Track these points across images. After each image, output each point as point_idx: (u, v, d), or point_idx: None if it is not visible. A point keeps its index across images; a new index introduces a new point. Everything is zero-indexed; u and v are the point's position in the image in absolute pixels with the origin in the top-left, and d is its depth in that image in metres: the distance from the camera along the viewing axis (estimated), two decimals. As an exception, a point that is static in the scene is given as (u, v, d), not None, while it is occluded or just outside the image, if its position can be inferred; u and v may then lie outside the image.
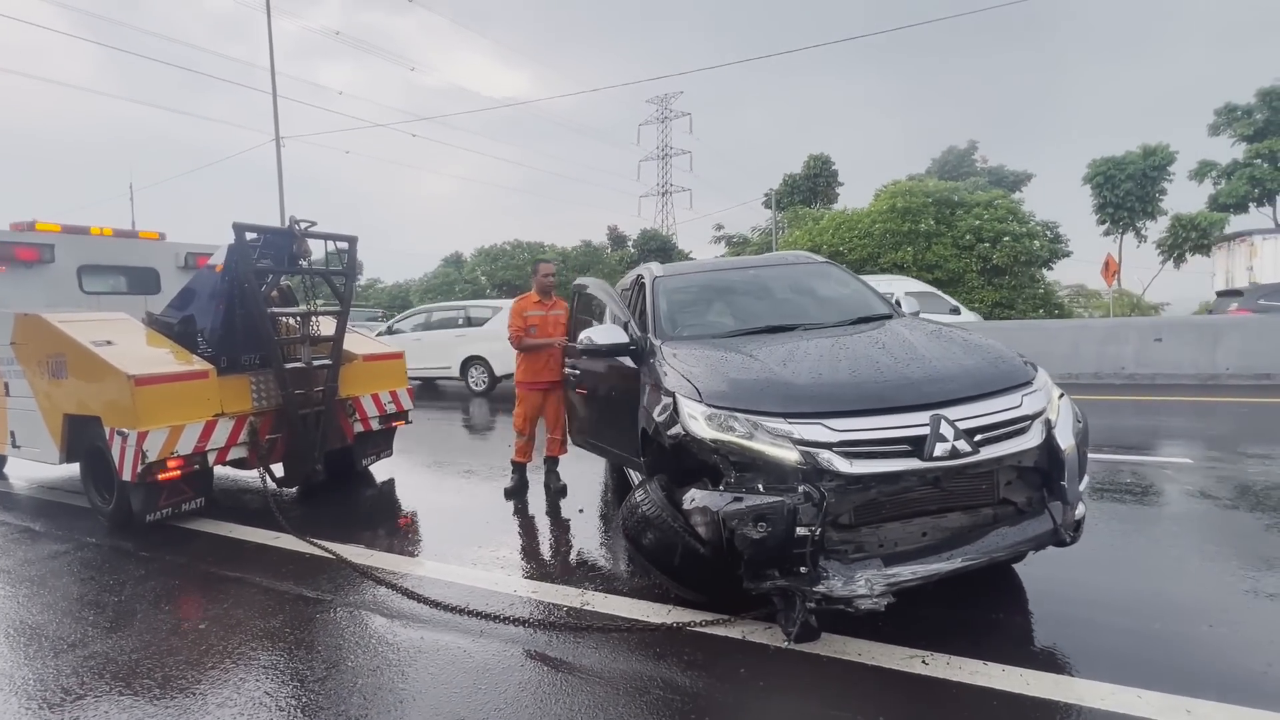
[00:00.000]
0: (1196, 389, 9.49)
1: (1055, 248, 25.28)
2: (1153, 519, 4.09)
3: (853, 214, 25.21)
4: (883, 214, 23.47)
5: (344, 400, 5.35)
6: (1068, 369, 10.77)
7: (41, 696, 2.51)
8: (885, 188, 25.52)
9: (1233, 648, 2.48)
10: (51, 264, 5.85)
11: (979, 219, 22.69)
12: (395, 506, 5.20)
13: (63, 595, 3.53)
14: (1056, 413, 2.66)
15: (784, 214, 33.06)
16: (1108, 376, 10.55)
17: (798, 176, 35.44)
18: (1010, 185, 29.32)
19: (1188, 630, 2.62)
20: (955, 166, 30.93)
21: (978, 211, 22.94)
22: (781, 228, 31.88)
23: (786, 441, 2.44)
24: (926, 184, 24.82)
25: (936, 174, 30.34)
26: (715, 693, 2.34)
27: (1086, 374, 10.73)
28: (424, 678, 2.52)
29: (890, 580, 2.29)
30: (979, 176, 29.34)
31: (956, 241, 23.04)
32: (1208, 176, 26.91)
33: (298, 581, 3.55)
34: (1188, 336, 10.38)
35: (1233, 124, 25.46)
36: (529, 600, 3.19)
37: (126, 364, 4.22)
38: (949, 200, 23.69)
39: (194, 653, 2.80)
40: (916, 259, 23.14)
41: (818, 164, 35.25)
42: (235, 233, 4.45)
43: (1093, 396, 9.09)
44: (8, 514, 5.26)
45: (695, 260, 5.49)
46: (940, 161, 32.00)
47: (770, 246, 29.73)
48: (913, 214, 23.22)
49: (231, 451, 4.62)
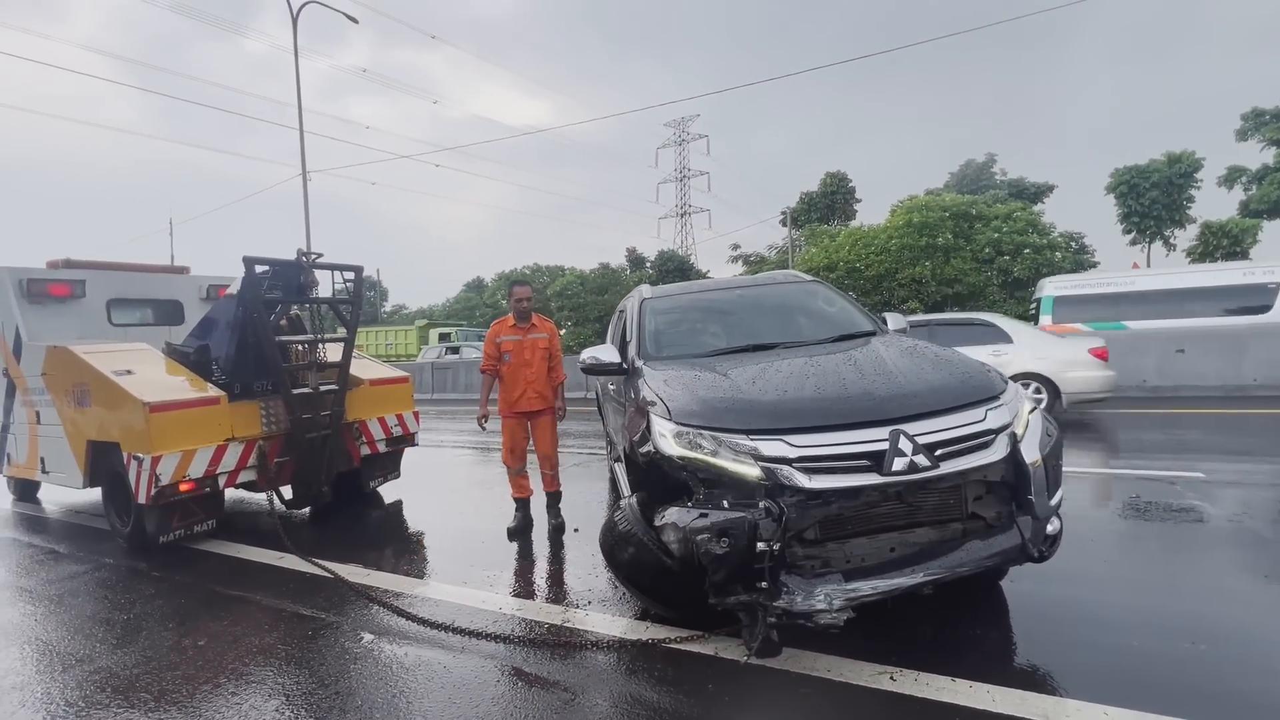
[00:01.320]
0: (1221, 401, 9.21)
1: (1079, 259, 24.87)
2: (1153, 535, 3.99)
3: (869, 230, 25.16)
4: (899, 229, 23.38)
5: (351, 424, 5.53)
6: (1086, 382, 10.53)
7: (47, 710, 2.64)
8: (902, 203, 25.44)
9: (1215, 667, 2.43)
10: (83, 298, 6.19)
11: (998, 232, 22.47)
12: (398, 528, 5.33)
13: (77, 613, 3.70)
14: (1024, 427, 2.66)
15: (801, 232, 33.09)
16: (1128, 389, 10.27)
17: (815, 194, 35.54)
18: (1031, 197, 28.94)
19: (1171, 648, 2.57)
20: (974, 180, 30.67)
21: (997, 224, 22.72)
22: (799, 246, 31.87)
23: (749, 457, 2.49)
24: (944, 198, 24.68)
25: (955, 188, 30.12)
26: (681, 707, 2.37)
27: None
28: (403, 691, 2.59)
29: (850, 595, 2.31)
30: (998, 189, 29.04)
31: (976, 255, 22.81)
32: (1237, 182, 26.26)
33: (296, 600, 3.67)
34: (1212, 347, 10.09)
35: (1260, 129, 24.87)
36: (512, 617, 3.25)
37: (143, 392, 4.45)
38: (967, 214, 23.51)
39: (191, 668, 2.93)
40: (935, 273, 22.94)
41: (835, 181, 35.32)
42: (245, 265, 4.69)
43: (1111, 410, 8.87)
44: (36, 536, 5.52)
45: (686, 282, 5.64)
46: (959, 175, 31.78)
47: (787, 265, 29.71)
48: (930, 228, 23.09)
49: (241, 474, 4.81)
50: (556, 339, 4.88)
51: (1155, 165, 25.85)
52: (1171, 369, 10.22)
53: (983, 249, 22.57)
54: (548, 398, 4.73)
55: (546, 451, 4.75)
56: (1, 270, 5.89)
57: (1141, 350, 10.44)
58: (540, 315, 4.94)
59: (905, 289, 23.03)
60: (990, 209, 23.62)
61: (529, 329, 4.72)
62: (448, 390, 19.15)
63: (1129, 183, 26.19)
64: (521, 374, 4.65)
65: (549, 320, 4.98)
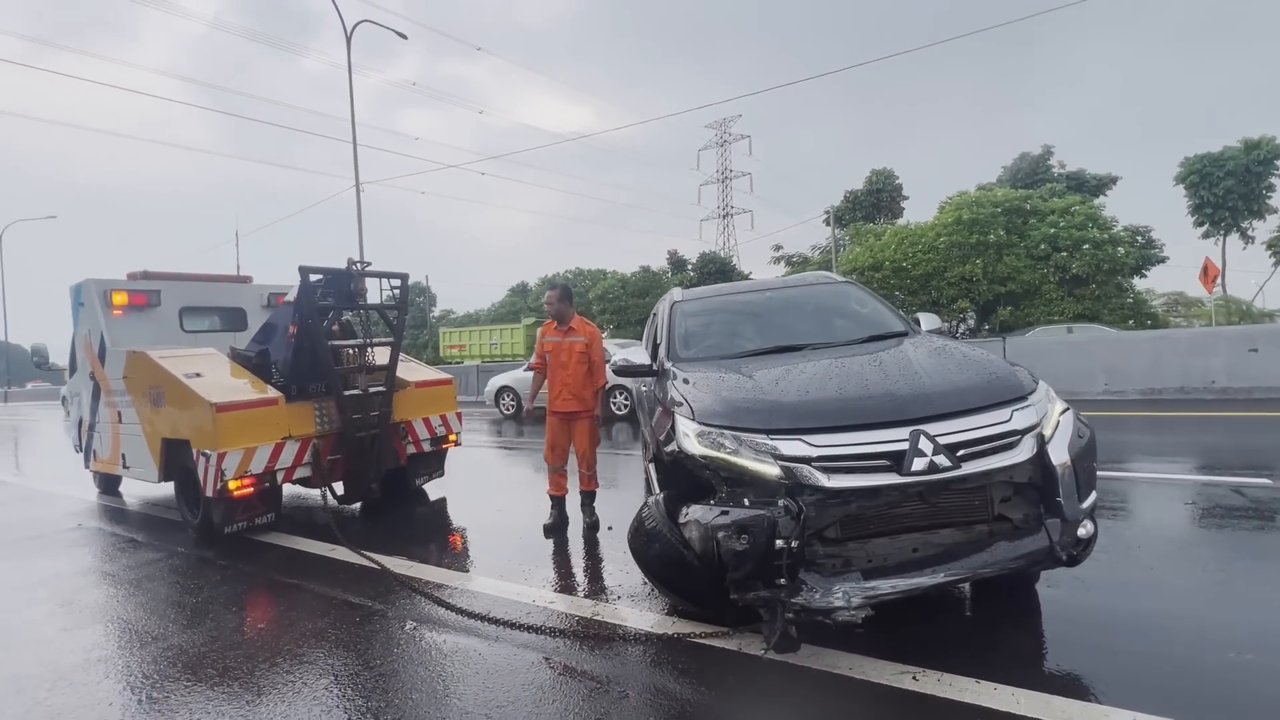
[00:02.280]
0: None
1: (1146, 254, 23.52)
2: (1209, 542, 3.83)
3: (916, 228, 24.51)
4: (948, 226, 22.70)
5: (397, 424, 5.80)
6: (1148, 383, 10.04)
7: (127, 681, 2.92)
8: (950, 199, 24.68)
9: (1259, 677, 2.34)
10: (158, 307, 6.69)
11: (1054, 227, 21.54)
12: (441, 523, 5.56)
13: (152, 596, 4.04)
14: (1053, 428, 2.62)
15: (845, 231, 32.47)
16: (1195, 391, 9.74)
17: (860, 192, 34.81)
18: (1092, 190, 27.58)
19: (1214, 658, 2.49)
20: (1029, 174, 29.43)
21: (1052, 220, 21.80)
22: (843, 245, 31.29)
23: (769, 457, 2.54)
24: (995, 193, 23.83)
25: (1009, 182, 28.98)
26: (701, 698, 2.44)
27: (1170, 388, 9.96)
28: (441, 675, 2.75)
29: (868, 593, 2.33)
30: (1056, 182, 27.78)
31: (1030, 252, 21.95)
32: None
33: (346, 589, 3.90)
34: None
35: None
36: (544, 609, 3.39)
37: (210, 393, 4.80)
38: (1020, 209, 22.65)
39: (251, 648, 3.17)
40: (987, 271, 22.18)
41: (880, 179, 34.52)
42: (301, 274, 5.00)
43: (1175, 413, 8.44)
44: (118, 526, 6.00)
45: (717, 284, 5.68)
46: (1012, 169, 30.55)
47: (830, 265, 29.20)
48: (980, 225, 22.35)
49: (297, 471, 5.12)
50: (597, 344, 4.84)
51: (1230, 152, 24.19)
52: (1244, 369, 9.62)
53: (1038, 245, 21.68)
54: (585, 400, 4.78)
55: (583, 451, 4.85)
56: (89, 282, 6.44)
57: (1210, 349, 9.87)
58: (583, 318, 4.98)
59: (955, 288, 22.34)
60: (1046, 203, 22.66)
61: (568, 332, 4.80)
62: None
63: (1200, 172, 24.61)
64: (559, 375, 4.77)
65: (591, 324, 4.98)
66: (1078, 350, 10.66)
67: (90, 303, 6.38)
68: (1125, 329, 20.31)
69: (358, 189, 20.08)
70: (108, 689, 2.84)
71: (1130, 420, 8.42)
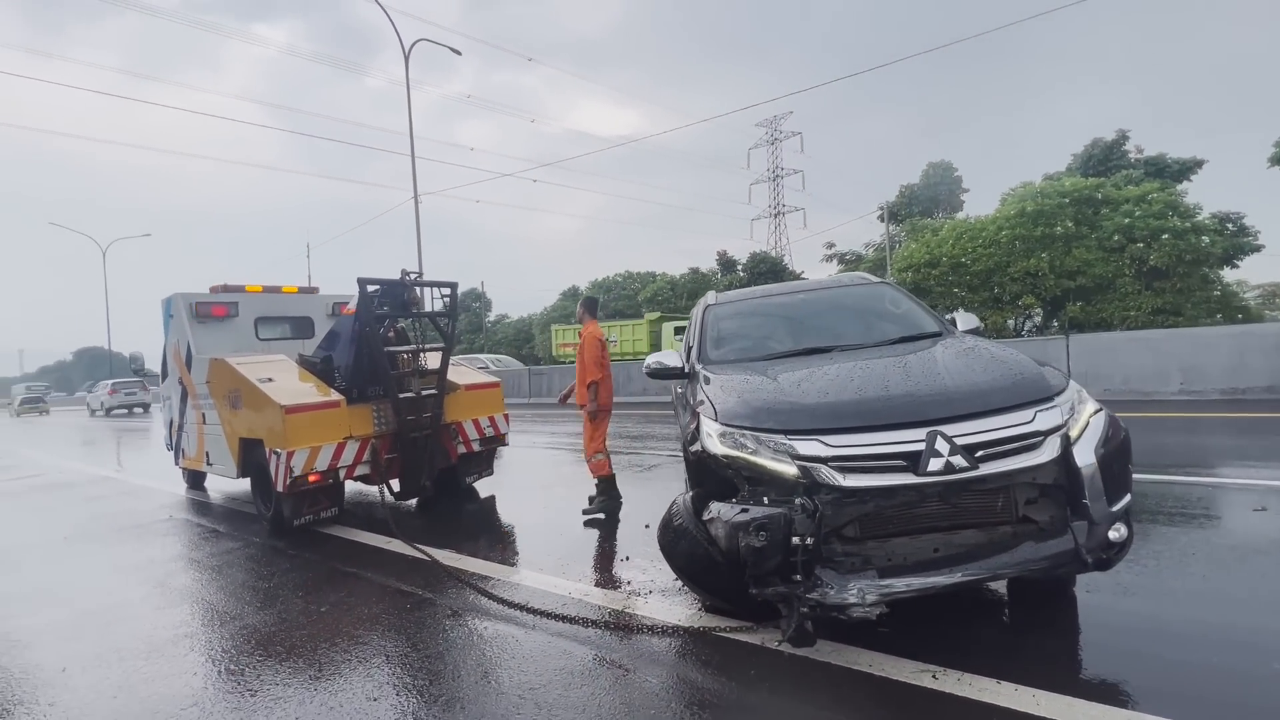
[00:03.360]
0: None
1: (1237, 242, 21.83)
2: (1274, 551, 3.62)
3: (975, 222, 23.54)
4: (1010, 219, 21.70)
5: (448, 425, 6.12)
6: (1230, 383, 9.38)
7: (209, 654, 3.26)
8: (1013, 191, 23.58)
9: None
10: (236, 318, 7.29)
11: (1129, 217, 20.26)
12: (487, 519, 5.83)
13: (230, 580, 4.45)
14: (1081, 428, 2.58)
15: (901, 227, 31.52)
16: (1253, 390, 9.02)
17: (916, 187, 33.71)
18: (1174, 175, 25.74)
19: (1253, 668, 2.40)
20: (1101, 161, 27.74)
21: (1126, 209, 20.50)
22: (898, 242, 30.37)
23: (786, 456, 2.62)
24: (1063, 182, 22.60)
25: (1079, 171, 27.41)
26: (720, 688, 2.54)
27: (1257, 388, 9.26)
28: (481, 659, 2.96)
29: (883, 591, 2.37)
30: (1132, 169, 26.10)
31: (1102, 243, 20.73)
32: None
33: (399, 578, 4.19)
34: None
35: None
36: (579, 601, 3.55)
37: (280, 396, 5.23)
38: (1091, 198, 21.42)
39: (314, 629, 3.47)
40: (1054, 265, 21.08)
41: (938, 172, 33.34)
42: (359, 286, 5.37)
43: (1260, 414, 7.86)
44: (203, 518, 6.58)
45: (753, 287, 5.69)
46: (1083, 157, 28.86)
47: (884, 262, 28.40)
48: (1046, 216, 21.25)
49: (357, 469, 5.50)
50: (587, 344, 5.44)
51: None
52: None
53: (1110, 236, 20.44)
54: (580, 396, 5.52)
55: (586, 441, 5.57)
56: (178, 296, 7.09)
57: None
58: (594, 322, 5.68)
59: (1018, 283, 21.32)
60: (1120, 191, 21.33)
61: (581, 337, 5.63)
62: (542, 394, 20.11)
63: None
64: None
65: (590, 327, 5.62)
66: (1149, 347, 10.04)
67: (178, 314, 7.02)
68: (1213, 324, 18.89)
69: (416, 201, 21.00)
70: (193, 660, 3.19)
71: (1206, 422, 7.90)
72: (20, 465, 12.64)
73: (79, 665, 3.23)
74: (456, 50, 21.89)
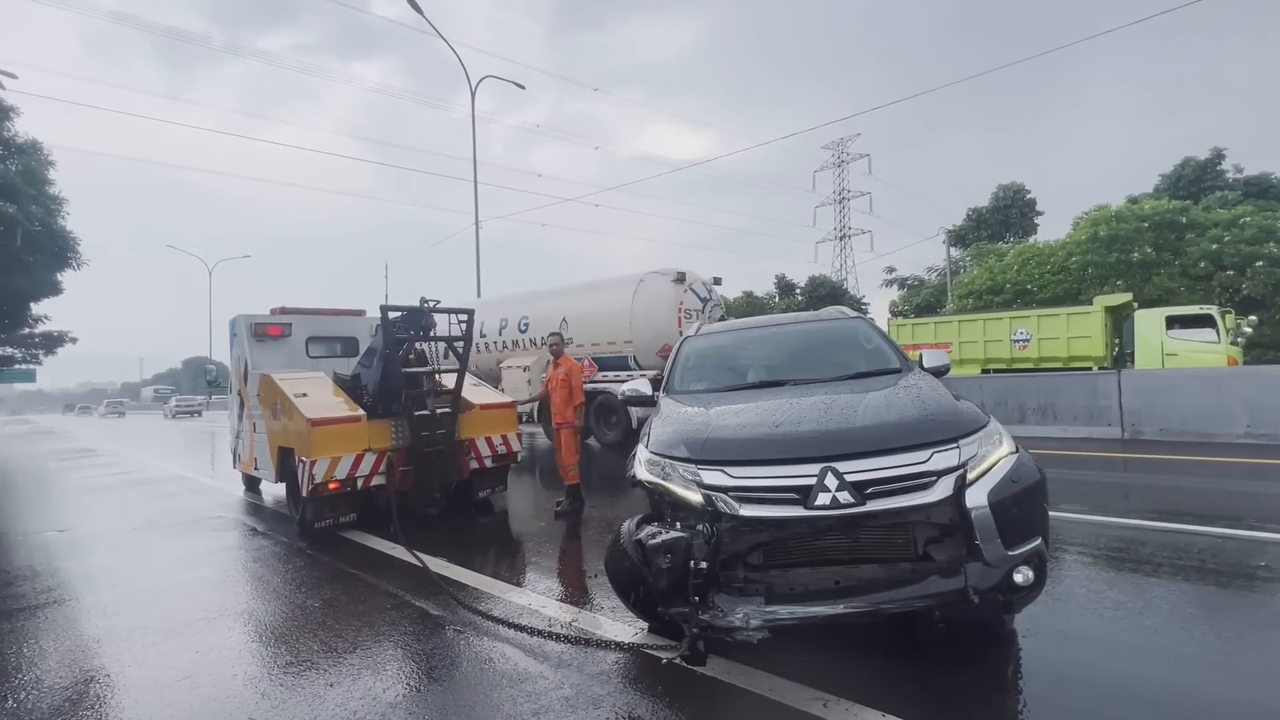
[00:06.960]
0: None
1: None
2: (1244, 610, 3.43)
3: (1044, 247, 22.41)
4: (1081, 244, 20.56)
5: (462, 441, 6.56)
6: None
7: (229, 633, 3.74)
8: (1086, 214, 22.30)
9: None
10: (290, 337, 8.09)
11: (1217, 242, 18.78)
12: (491, 531, 6.19)
13: (254, 575, 4.99)
14: (981, 471, 2.64)
15: (967, 251, 30.32)
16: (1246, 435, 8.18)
17: (985, 209, 32.40)
18: (1278, 196, 23.64)
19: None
20: (1193, 181, 25.80)
21: (1216, 233, 19.01)
22: (962, 266, 29.20)
23: (694, 484, 2.81)
24: (1142, 205, 21.22)
25: (1168, 192, 25.61)
26: (624, 699, 2.73)
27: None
28: (433, 653, 3.27)
29: (767, 617, 2.50)
30: (1229, 190, 24.16)
31: (1187, 270, 19.28)
32: None
33: (390, 581, 4.59)
34: None
35: None
36: (531, 610, 3.82)
37: (309, 409, 5.82)
38: (1174, 222, 20.00)
39: (307, 623, 3.90)
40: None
41: (1009, 194, 31.92)
42: (381, 313, 5.93)
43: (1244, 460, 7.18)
44: (248, 518, 7.29)
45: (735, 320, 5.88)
46: (1172, 177, 26.92)
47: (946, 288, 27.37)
48: (1123, 242, 20.00)
49: (374, 479, 6.00)
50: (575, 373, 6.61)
51: None
52: None
53: (1196, 263, 18.99)
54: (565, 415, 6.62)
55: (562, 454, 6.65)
56: (240, 317, 7.96)
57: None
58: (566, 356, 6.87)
59: (1090, 312, 20.05)
60: (1207, 215, 19.82)
61: (555, 366, 6.72)
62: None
63: None
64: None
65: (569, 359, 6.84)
66: (1212, 385, 9.31)
67: (240, 334, 7.88)
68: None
69: (476, 225, 22.20)
70: (202, 640, 3.68)
71: (1266, 469, 7.28)
72: (121, 462, 14.24)
73: (110, 638, 3.79)
74: (520, 85, 23.16)
